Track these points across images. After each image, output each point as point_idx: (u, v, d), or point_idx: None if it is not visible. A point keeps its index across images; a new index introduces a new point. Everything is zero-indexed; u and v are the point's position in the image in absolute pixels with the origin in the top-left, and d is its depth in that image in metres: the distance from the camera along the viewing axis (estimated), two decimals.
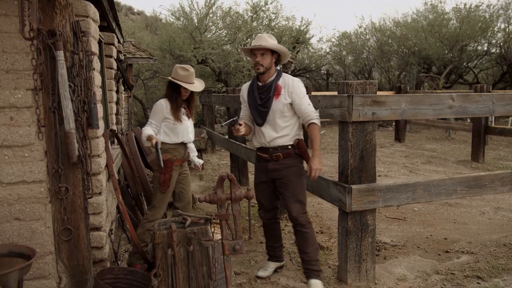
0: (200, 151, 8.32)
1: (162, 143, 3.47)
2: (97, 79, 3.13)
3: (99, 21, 3.47)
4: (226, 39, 13.06)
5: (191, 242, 2.36)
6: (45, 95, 2.47)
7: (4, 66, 2.43)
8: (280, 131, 3.02)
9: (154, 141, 3.33)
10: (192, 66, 13.60)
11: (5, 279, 1.98)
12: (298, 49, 13.70)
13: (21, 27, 2.17)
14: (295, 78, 3.08)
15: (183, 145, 3.62)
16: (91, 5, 3.03)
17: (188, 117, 3.66)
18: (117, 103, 5.64)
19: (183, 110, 3.63)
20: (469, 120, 9.35)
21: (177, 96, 3.54)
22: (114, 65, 5.02)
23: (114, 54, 5.00)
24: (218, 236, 2.63)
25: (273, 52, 3.02)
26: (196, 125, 12.77)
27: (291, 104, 2.99)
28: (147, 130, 3.46)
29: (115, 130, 4.25)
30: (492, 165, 7.75)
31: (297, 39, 13.35)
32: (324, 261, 3.65)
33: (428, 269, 3.47)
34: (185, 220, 2.45)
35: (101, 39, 4.45)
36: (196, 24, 12.61)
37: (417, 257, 3.73)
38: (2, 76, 2.43)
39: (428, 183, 3.28)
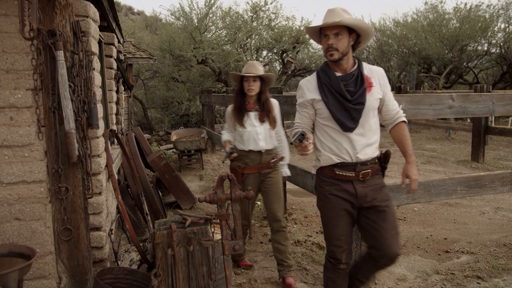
0: (200, 151, 8.33)
1: (238, 150, 3.31)
2: (97, 79, 3.13)
3: (99, 21, 3.47)
4: (226, 39, 13.05)
5: (191, 242, 2.36)
6: (45, 95, 2.47)
7: (4, 66, 2.43)
8: (371, 137, 2.30)
9: (227, 147, 3.27)
10: (192, 66, 13.47)
11: (5, 279, 1.98)
12: (298, 49, 13.69)
13: (21, 27, 2.17)
14: (378, 67, 2.41)
15: (257, 152, 3.27)
16: (91, 5, 3.03)
17: (261, 121, 3.25)
18: (117, 103, 5.64)
19: (253, 114, 3.27)
20: (469, 120, 9.35)
21: (238, 96, 3.27)
22: (114, 65, 5.02)
23: (114, 54, 5.00)
24: (218, 236, 2.63)
25: (350, 31, 2.23)
26: (196, 125, 12.82)
27: (381, 99, 2.33)
28: (224, 135, 3.41)
29: (115, 130, 4.25)
30: (492, 165, 7.75)
31: (297, 39, 13.33)
32: (324, 261, 3.65)
33: (428, 269, 3.47)
34: (185, 220, 2.45)
35: (101, 39, 4.45)
36: (196, 24, 12.60)
37: (417, 257, 3.73)
38: (2, 76, 2.43)
39: (428, 183, 3.28)
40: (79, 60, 2.58)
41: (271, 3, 13.28)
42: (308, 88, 2.36)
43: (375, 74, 2.32)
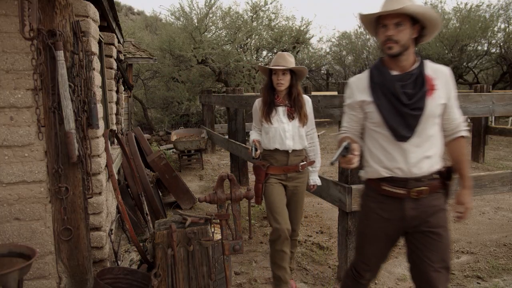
0: (200, 151, 8.33)
1: (264, 149, 3.02)
2: (97, 79, 3.13)
3: (99, 21, 3.47)
4: (226, 39, 13.05)
5: (191, 242, 2.36)
6: (45, 95, 2.47)
7: (4, 66, 2.43)
8: (429, 149, 1.93)
9: (253, 143, 2.95)
10: (192, 66, 13.47)
11: (5, 279, 1.98)
12: (298, 49, 13.70)
13: (21, 27, 2.17)
14: (444, 66, 2.01)
15: (283, 152, 2.94)
16: (91, 5, 3.03)
17: (290, 118, 2.93)
18: (117, 103, 5.64)
19: (282, 109, 2.96)
20: (469, 120, 9.35)
21: (267, 91, 2.99)
22: (114, 65, 5.02)
23: (114, 54, 5.00)
24: (218, 236, 2.63)
25: (414, 21, 1.86)
26: (196, 125, 12.82)
27: (443, 105, 1.95)
28: (253, 135, 3.10)
29: (115, 130, 4.25)
30: (492, 165, 7.75)
31: (297, 39, 13.34)
32: (324, 261, 3.65)
33: None
34: (185, 220, 2.45)
35: (101, 39, 4.45)
36: (196, 24, 12.60)
37: None
38: (2, 76, 2.43)
39: None
40: (79, 60, 2.58)
41: (271, 3, 13.29)
42: (358, 87, 2.02)
43: (440, 74, 1.94)
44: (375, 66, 2.02)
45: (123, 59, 7.30)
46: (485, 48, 16.71)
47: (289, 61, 2.90)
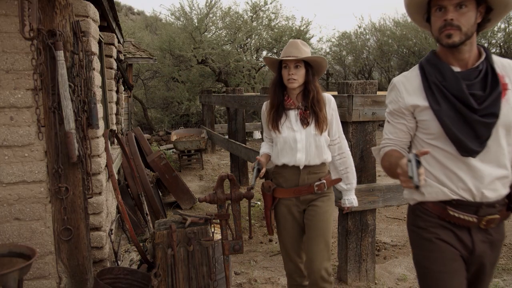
0: (200, 151, 8.33)
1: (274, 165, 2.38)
2: (97, 79, 3.13)
3: (99, 21, 3.47)
4: (226, 39, 13.06)
5: (191, 242, 2.36)
6: (45, 95, 2.47)
7: (4, 66, 2.43)
8: (501, 166, 1.53)
9: (257, 163, 2.30)
10: (192, 66, 13.50)
11: (5, 279, 1.98)
12: None
13: (21, 27, 2.17)
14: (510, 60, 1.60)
15: (294, 168, 2.27)
16: (91, 5, 3.03)
17: (304, 124, 2.25)
18: (117, 103, 5.64)
19: (294, 113, 2.29)
20: None
21: (276, 89, 2.33)
22: (114, 65, 5.02)
23: (114, 54, 5.00)
24: (218, 236, 2.63)
25: (479, 1, 1.46)
26: (196, 125, 12.81)
27: None
28: (262, 148, 2.50)
29: (115, 130, 4.25)
30: None
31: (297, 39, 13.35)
32: None
33: None
34: (185, 220, 2.45)
35: (101, 39, 4.45)
36: (196, 24, 12.61)
37: None
38: (2, 76, 2.43)
39: None
40: (79, 60, 2.58)
41: (271, 3, 13.30)
42: (406, 89, 1.60)
43: (510, 70, 1.53)
44: (428, 61, 1.58)
45: (123, 59, 7.30)
46: None
47: (303, 50, 2.24)
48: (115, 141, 4.68)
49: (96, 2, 3.60)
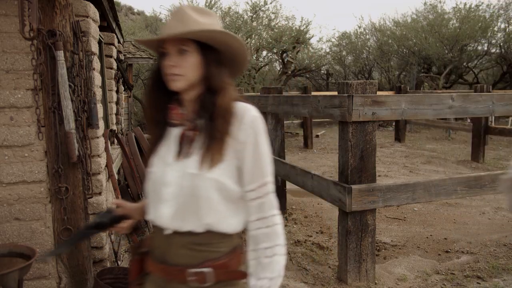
0: None
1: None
2: (97, 79, 3.13)
3: (99, 21, 3.47)
4: None
5: None
6: (45, 95, 2.47)
7: (4, 66, 2.43)
8: None
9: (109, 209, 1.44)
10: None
11: (5, 279, 1.98)
12: (298, 49, 13.70)
13: (21, 27, 2.17)
14: None
15: (162, 231, 1.26)
16: (91, 5, 3.03)
17: (184, 151, 1.25)
18: (117, 103, 5.65)
19: (176, 133, 1.29)
20: (469, 120, 9.36)
21: (153, 92, 1.34)
22: (114, 65, 5.02)
23: (114, 54, 5.00)
24: None
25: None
26: None
27: None
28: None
29: (115, 130, 4.25)
30: (492, 165, 7.75)
31: (297, 39, 13.34)
32: (324, 261, 3.65)
33: (428, 269, 3.47)
34: None
35: (101, 39, 4.45)
36: None
37: (417, 257, 3.73)
38: (2, 76, 2.43)
39: (428, 183, 3.28)
40: (79, 60, 2.58)
41: (270, 3, 13.32)
42: None
43: None
44: None
45: (123, 59, 7.30)
46: (485, 48, 16.73)
47: (195, 21, 1.22)
48: (115, 141, 4.68)
49: (96, 2, 3.60)
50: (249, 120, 1.24)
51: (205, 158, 1.21)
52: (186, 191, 1.22)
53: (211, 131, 1.22)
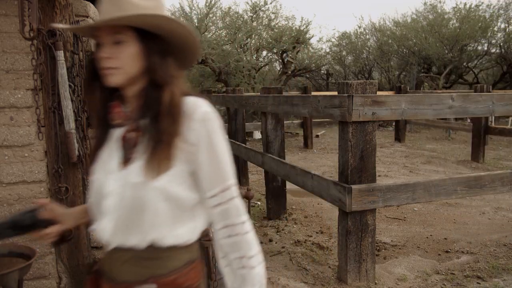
0: None
1: None
2: None
3: None
4: (226, 39, 13.06)
5: None
6: (45, 95, 2.47)
7: (4, 66, 2.43)
8: None
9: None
10: (192, 66, 13.57)
11: (5, 279, 1.98)
12: (298, 49, 13.70)
13: (21, 27, 2.17)
14: None
15: (120, 251, 1.11)
16: (91, 5, 3.03)
17: (126, 159, 1.10)
18: None
19: (118, 134, 1.14)
20: (469, 120, 9.36)
21: (88, 85, 1.19)
22: None
23: None
24: None
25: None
26: None
27: None
28: None
29: None
30: (492, 165, 7.75)
31: (297, 39, 13.34)
32: (324, 261, 3.65)
33: (428, 269, 3.47)
34: None
35: None
36: (196, 24, 12.61)
37: (417, 257, 3.73)
38: (2, 76, 2.43)
39: (428, 183, 3.28)
40: (79, 60, 2.58)
41: (271, 3, 13.32)
42: None
43: None
44: None
45: None
46: (485, 48, 16.73)
47: (131, 3, 1.04)
48: None
49: (96, 2, 3.60)
50: (200, 118, 1.08)
51: (150, 164, 1.04)
52: (127, 202, 1.07)
53: (156, 133, 1.05)
